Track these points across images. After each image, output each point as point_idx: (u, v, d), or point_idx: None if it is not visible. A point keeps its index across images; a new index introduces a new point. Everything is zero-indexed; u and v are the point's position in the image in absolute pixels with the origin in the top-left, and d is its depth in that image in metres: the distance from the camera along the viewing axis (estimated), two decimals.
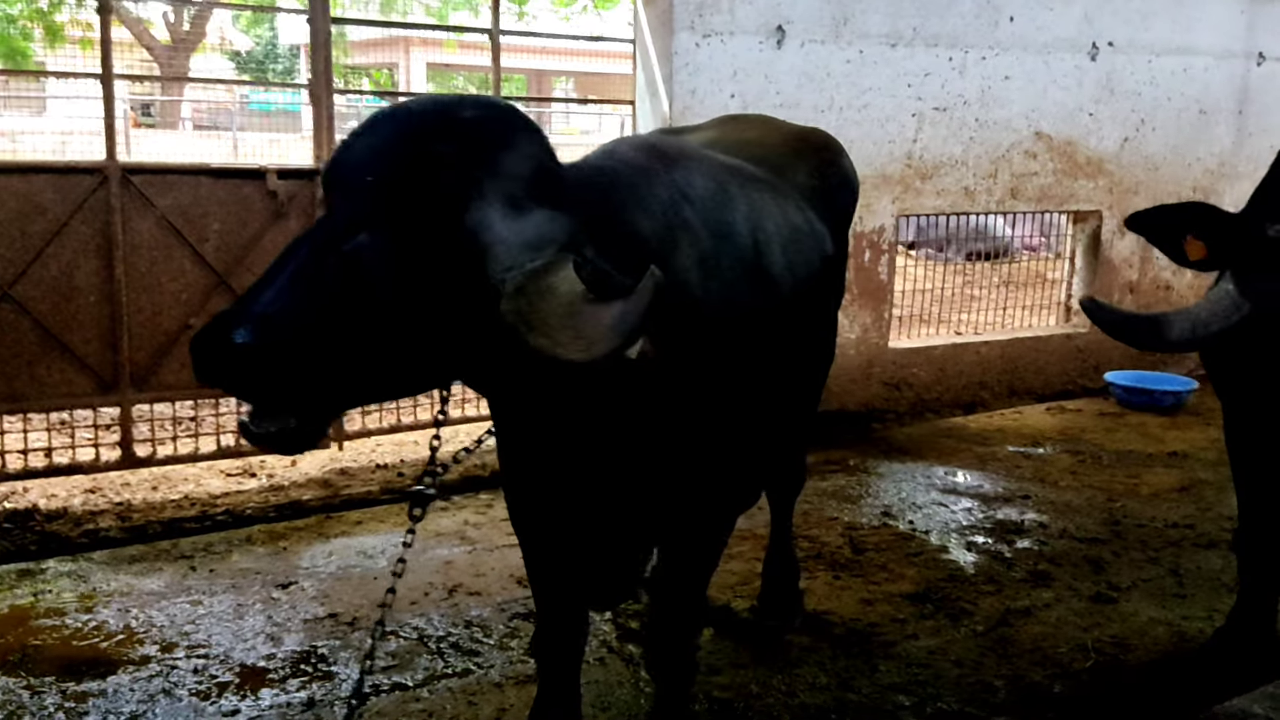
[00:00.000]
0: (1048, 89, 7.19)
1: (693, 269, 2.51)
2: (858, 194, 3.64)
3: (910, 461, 6.06)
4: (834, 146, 3.60)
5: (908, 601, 4.23)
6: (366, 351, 1.93)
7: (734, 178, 2.85)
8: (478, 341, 2.03)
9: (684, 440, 2.57)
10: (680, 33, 5.84)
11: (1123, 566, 4.62)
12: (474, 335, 2.02)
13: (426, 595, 4.22)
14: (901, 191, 6.78)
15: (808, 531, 4.95)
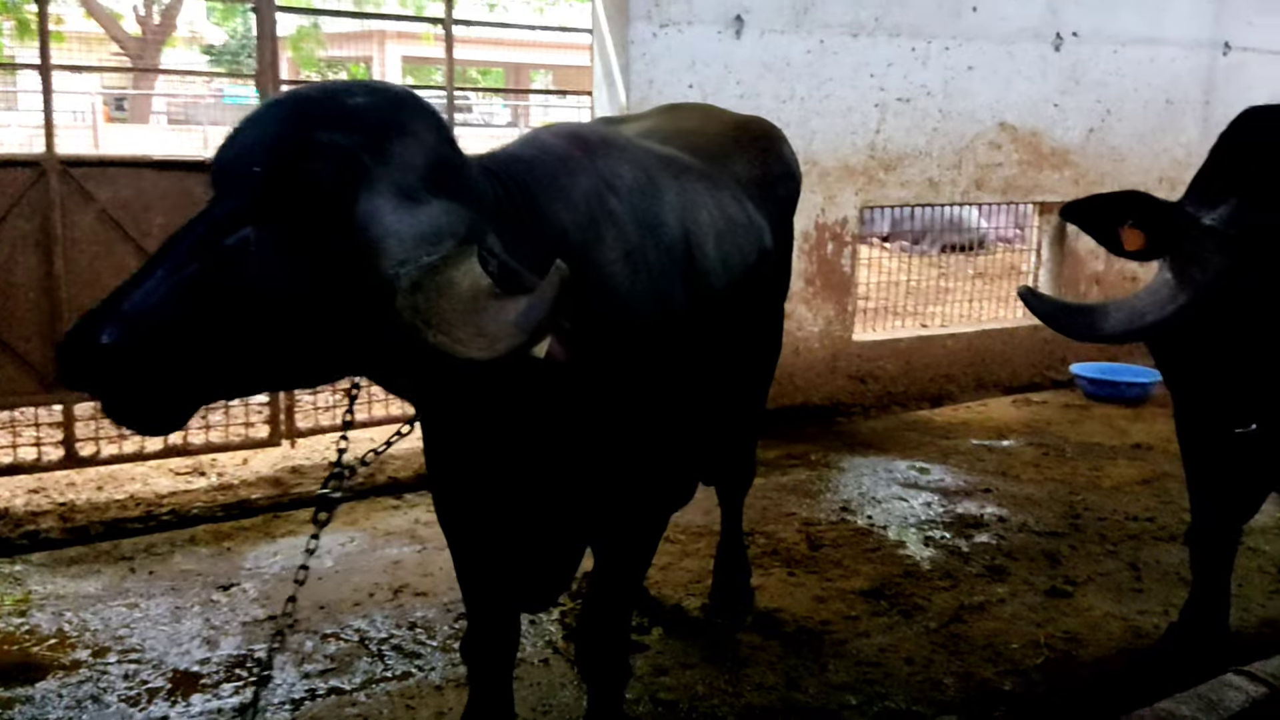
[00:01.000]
0: (1012, 79, 7.14)
1: (618, 262, 2.43)
2: (800, 184, 3.57)
3: (873, 455, 6.00)
4: (775, 135, 3.52)
5: (861, 598, 4.17)
6: (247, 351, 1.83)
7: (666, 168, 2.77)
8: (375, 339, 1.94)
9: (612, 438, 2.50)
10: (637, 22, 5.75)
11: (1080, 560, 4.57)
12: (370, 333, 1.93)
13: (371, 596, 4.13)
14: (865, 183, 6.72)
15: (765, 527, 4.88)
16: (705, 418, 2.97)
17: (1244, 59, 8.27)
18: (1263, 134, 2.70)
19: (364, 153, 1.88)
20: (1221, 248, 2.55)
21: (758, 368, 3.59)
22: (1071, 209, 2.83)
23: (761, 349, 3.53)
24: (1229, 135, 2.81)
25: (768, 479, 5.53)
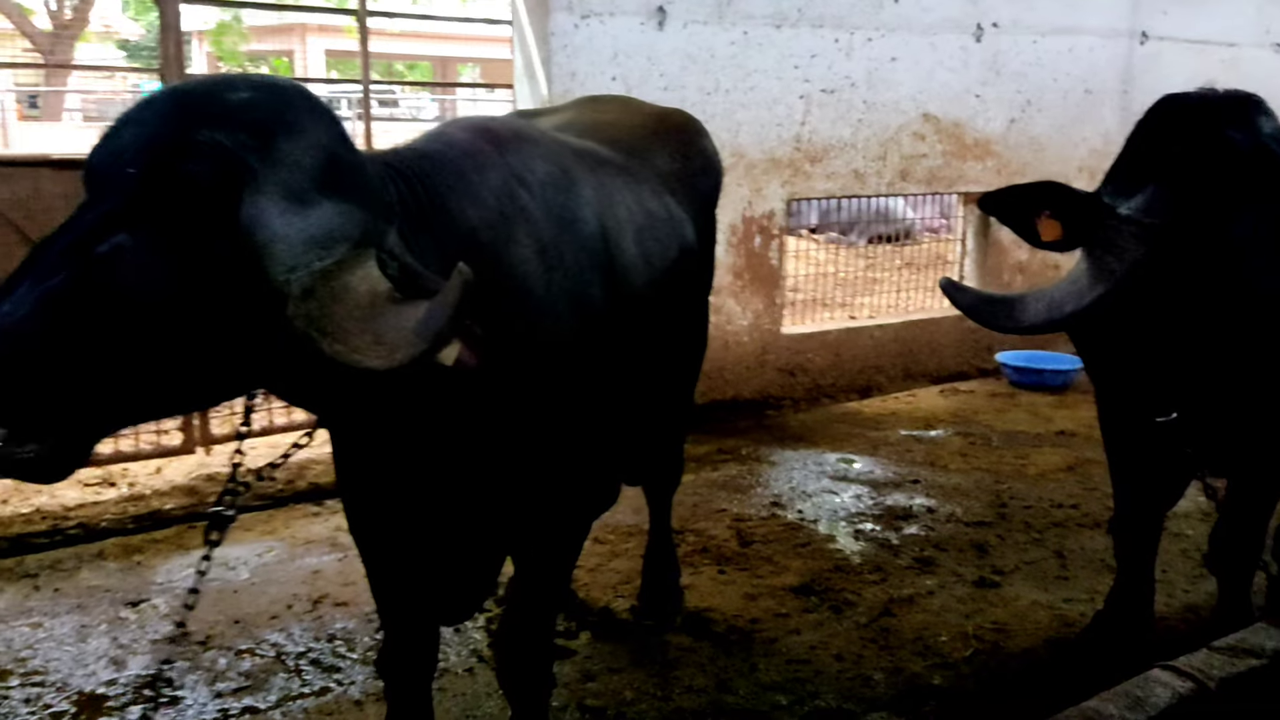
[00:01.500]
0: (934, 70, 7.17)
1: (532, 260, 2.35)
2: (721, 177, 3.51)
3: (803, 449, 5.99)
4: (695, 127, 3.45)
5: (792, 594, 4.14)
6: (129, 366, 1.71)
7: (582, 162, 2.69)
8: (266, 350, 1.83)
9: (530, 443, 2.41)
10: (557, 13, 5.65)
11: (1007, 550, 4.59)
12: (261, 344, 1.82)
13: (289, 608, 3.99)
14: (791, 175, 6.69)
15: (696, 525, 4.83)
16: (629, 419, 2.90)
17: (1160, 48, 8.41)
18: (1178, 122, 2.69)
19: (248, 152, 1.77)
20: (1138, 237, 2.54)
21: (684, 365, 3.53)
22: (988, 200, 2.80)
23: (687, 346, 3.46)
24: (1145, 124, 2.80)
25: (698, 475, 5.49)
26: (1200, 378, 2.84)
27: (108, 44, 31.95)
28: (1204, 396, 2.90)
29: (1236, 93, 2.79)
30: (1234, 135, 2.57)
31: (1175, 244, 2.55)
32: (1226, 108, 2.68)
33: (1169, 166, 2.60)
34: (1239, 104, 2.69)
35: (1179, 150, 2.60)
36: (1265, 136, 2.58)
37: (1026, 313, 2.65)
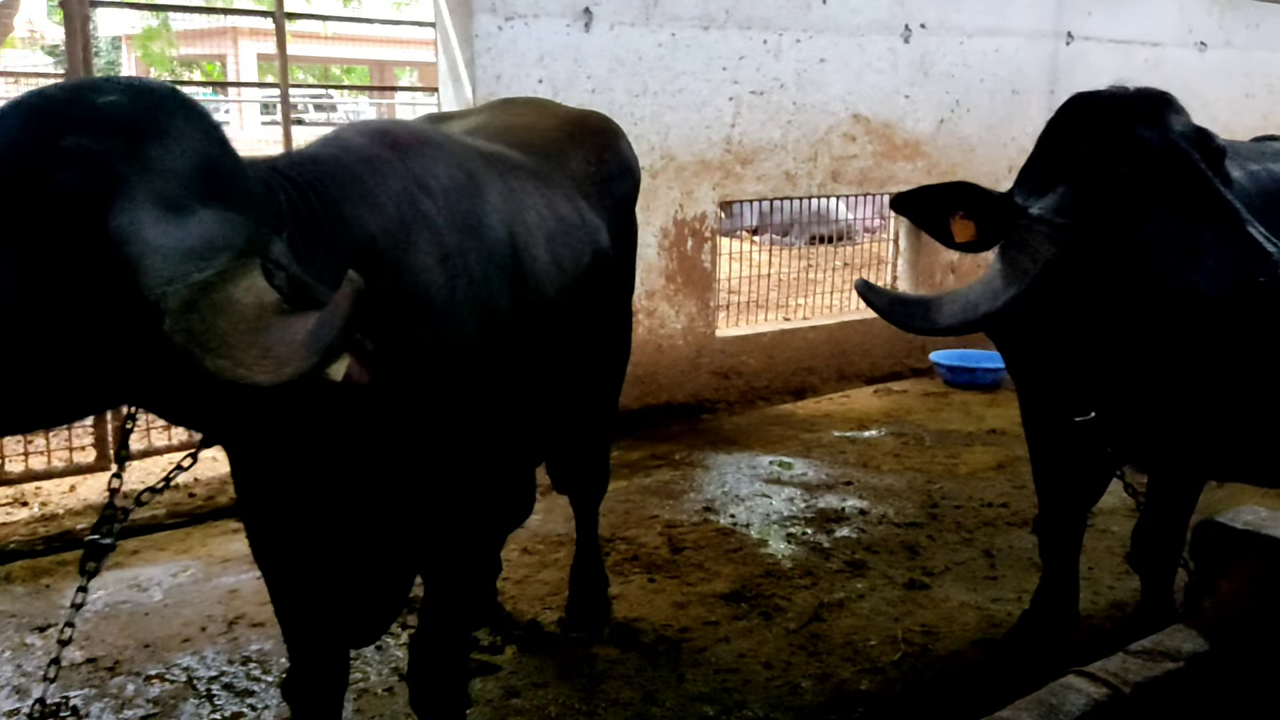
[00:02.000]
0: (863, 72, 7.19)
1: (434, 268, 2.27)
2: (638, 180, 3.45)
3: (737, 452, 5.95)
4: (611, 130, 3.40)
5: (722, 602, 4.09)
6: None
7: (490, 167, 2.62)
8: (143, 365, 1.73)
9: (436, 458, 2.33)
10: (480, 15, 5.56)
11: (937, 550, 4.59)
12: (137, 359, 1.72)
13: (203, 630, 3.86)
14: (722, 177, 6.66)
15: (626, 532, 4.77)
16: (544, 428, 2.83)
17: (1086, 48, 8.52)
18: (1088, 120, 2.68)
19: (118, 159, 1.67)
20: (1049, 237, 2.52)
21: (604, 372, 3.46)
22: (900, 201, 2.77)
23: (607, 352, 3.40)
24: (1056, 122, 2.79)
25: (631, 481, 5.43)
26: (1116, 376, 2.84)
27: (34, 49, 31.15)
28: (1120, 395, 2.90)
29: (1147, 90, 2.79)
30: (1144, 133, 2.56)
31: (1086, 243, 2.53)
32: (1137, 105, 2.68)
33: (1079, 165, 2.59)
34: (1149, 101, 2.69)
35: (1089, 149, 2.59)
36: (1175, 134, 2.58)
37: (941, 314, 2.63)
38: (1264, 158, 3.40)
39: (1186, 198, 2.45)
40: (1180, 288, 2.39)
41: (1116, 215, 2.50)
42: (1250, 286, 2.29)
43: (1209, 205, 2.41)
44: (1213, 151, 2.56)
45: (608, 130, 3.38)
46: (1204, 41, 9.43)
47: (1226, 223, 2.38)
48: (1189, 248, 2.39)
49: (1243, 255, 2.32)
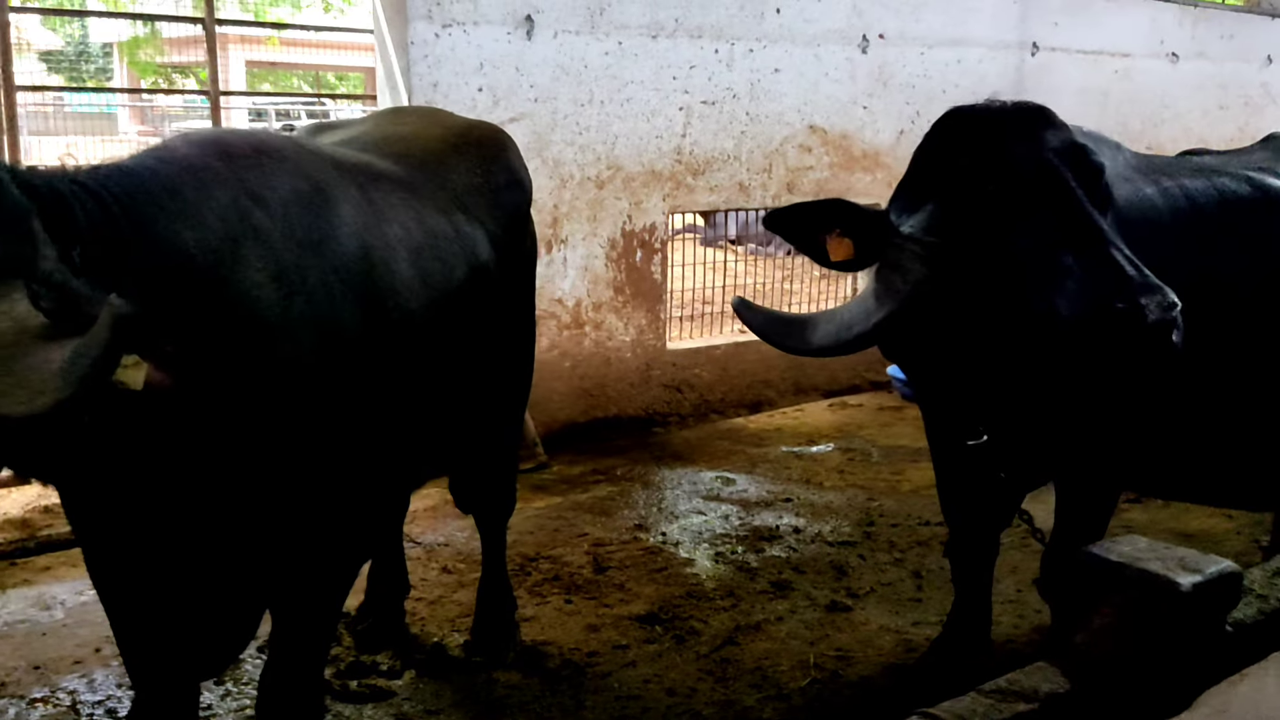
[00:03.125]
0: (819, 82, 7.10)
1: (266, 285, 2.18)
2: (529, 192, 3.35)
3: (681, 467, 5.85)
4: (500, 141, 3.30)
5: (636, 624, 3.98)
6: None
7: (346, 178, 2.52)
8: None
9: (274, 478, 2.23)
10: (416, 22, 5.48)
11: (867, 570, 4.48)
12: None
13: (97, 651, 3.75)
14: (673, 188, 6.57)
15: (552, 551, 4.66)
16: (411, 451, 2.72)
17: (1052, 59, 8.45)
18: (962, 135, 2.59)
19: None
20: (920, 256, 2.43)
21: (500, 389, 3.36)
22: (774, 218, 2.68)
23: (501, 369, 3.29)
24: (931, 137, 2.70)
25: (567, 497, 5.33)
26: (999, 398, 2.74)
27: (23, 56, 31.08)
28: (1007, 417, 2.80)
29: (1024, 104, 2.70)
30: (1015, 149, 2.47)
31: (956, 262, 2.44)
32: (1012, 120, 2.58)
33: (951, 182, 2.49)
34: (1024, 116, 2.60)
35: (961, 165, 2.49)
36: (1049, 150, 2.48)
37: (816, 334, 2.53)
38: (1180, 173, 3.31)
39: (1054, 217, 2.35)
40: (1042, 310, 2.29)
41: (985, 234, 2.40)
42: (1109, 312, 2.19)
43: (1075, 226, 2.32)
44: (1088, 169, 2.47)
45: (495, 141, 3.28)
46: (1175, 53, 9.35)
47: (1091, 245, 2.29)
48: (1053, 269, 2.30)
49: (1104, 279, 2.22)
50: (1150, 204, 3.12)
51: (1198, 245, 3.13)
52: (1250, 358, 3.19)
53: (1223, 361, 3.15)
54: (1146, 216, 3.11)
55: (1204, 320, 3.08)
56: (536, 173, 5.99)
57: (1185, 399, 3.17)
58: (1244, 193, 3.28)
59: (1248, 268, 3.18)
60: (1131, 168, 3.29)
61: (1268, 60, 10.15)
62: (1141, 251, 3.02)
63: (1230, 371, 3.18)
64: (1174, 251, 3.09)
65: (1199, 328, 3.09)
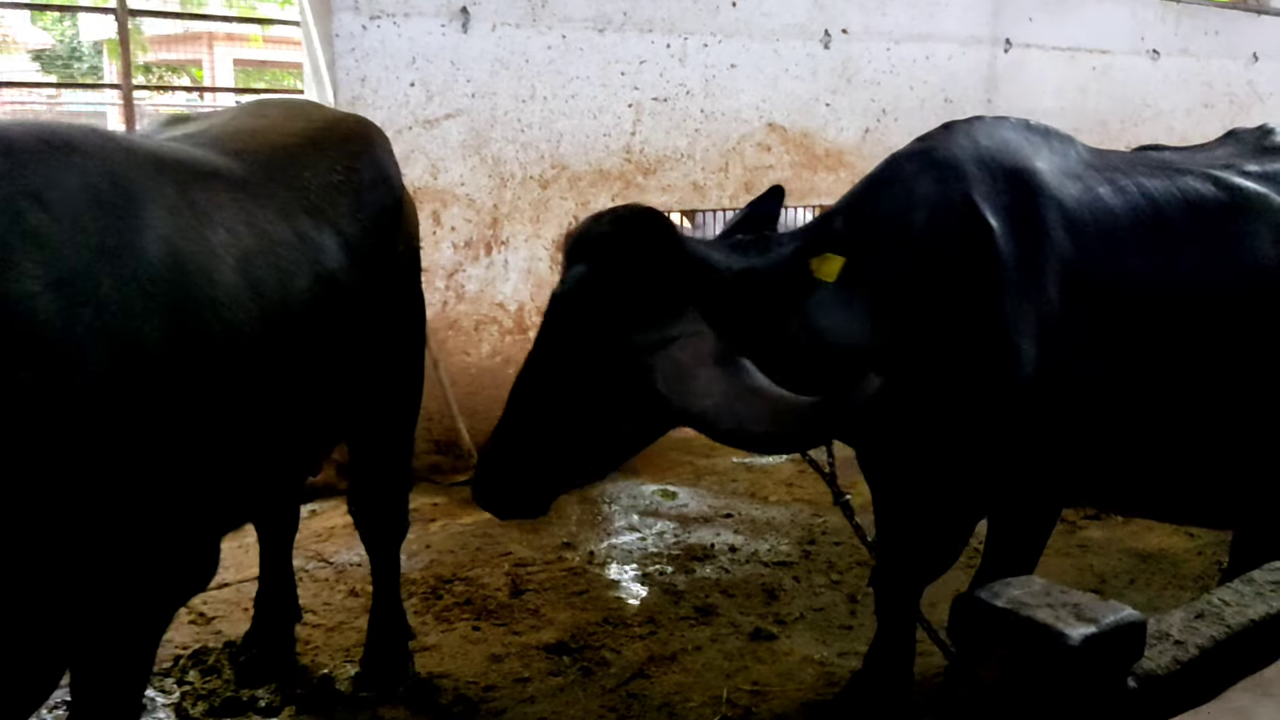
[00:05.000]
0: (779, 78, 6.83)
1: (43, 295, 1.92)
2: (400, 192, 3.08)
3: (624, 479, 5.59)
4: (368, 137, 3.04)
5: (544, 654, 3.73)
6: None
7: (161, 177, 2.26)
8: None
9: (62, 512, 1.98)
10: (341, 13, 5.22)
11: (799, 594, 4.22)
12: None
13: None
14: (622, 188, 6.31)
15: (470, 572, 4.41)
16: (242, 477, 2.46)
17: (1026, 55, 8.19)
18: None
19: None
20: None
21: (373, 405, 3.11)
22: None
23: (375, 383, 3.04)
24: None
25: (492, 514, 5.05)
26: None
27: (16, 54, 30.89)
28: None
29: (635, 209, 2.79)
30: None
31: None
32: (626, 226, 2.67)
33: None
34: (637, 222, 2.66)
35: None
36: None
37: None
38: (1138, 171, 3.05)
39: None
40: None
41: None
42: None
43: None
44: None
45: (361, 136, 3.01)
46: (1157, 49, 9.09)
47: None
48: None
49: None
50: (1103, 205, 2.87)
51: (1158, 250, 2.89)
52: (1212, 370, 2.95)
53: (1183, 374, 2.91)
54: (1098, 218, 2.87)
55: (1165, 330, 2.85)
56: (475, 171, 5.81)
57: (1144, 413, 2.93)
58: (1209, 193, 3.03)
59: (1215, 274, 2.93)
60: (1085, 164, 3.05)
61: (1254, 57, 9.88)
62: (1093, 256, 2.79)
63: (1191, 384, 2.94)
64: (1131, 256, 2.85)
65: (1159, 338, 2.86)
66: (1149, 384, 2.90)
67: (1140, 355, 2.87)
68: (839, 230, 2.78)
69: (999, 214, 2.70)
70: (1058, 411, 2.76)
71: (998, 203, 2.71)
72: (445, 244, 5.71)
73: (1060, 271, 2.72)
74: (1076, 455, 2.86)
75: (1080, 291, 2.75)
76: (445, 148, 5.63)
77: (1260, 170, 3.19)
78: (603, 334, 2.55)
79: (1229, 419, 2.99)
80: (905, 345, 2.74)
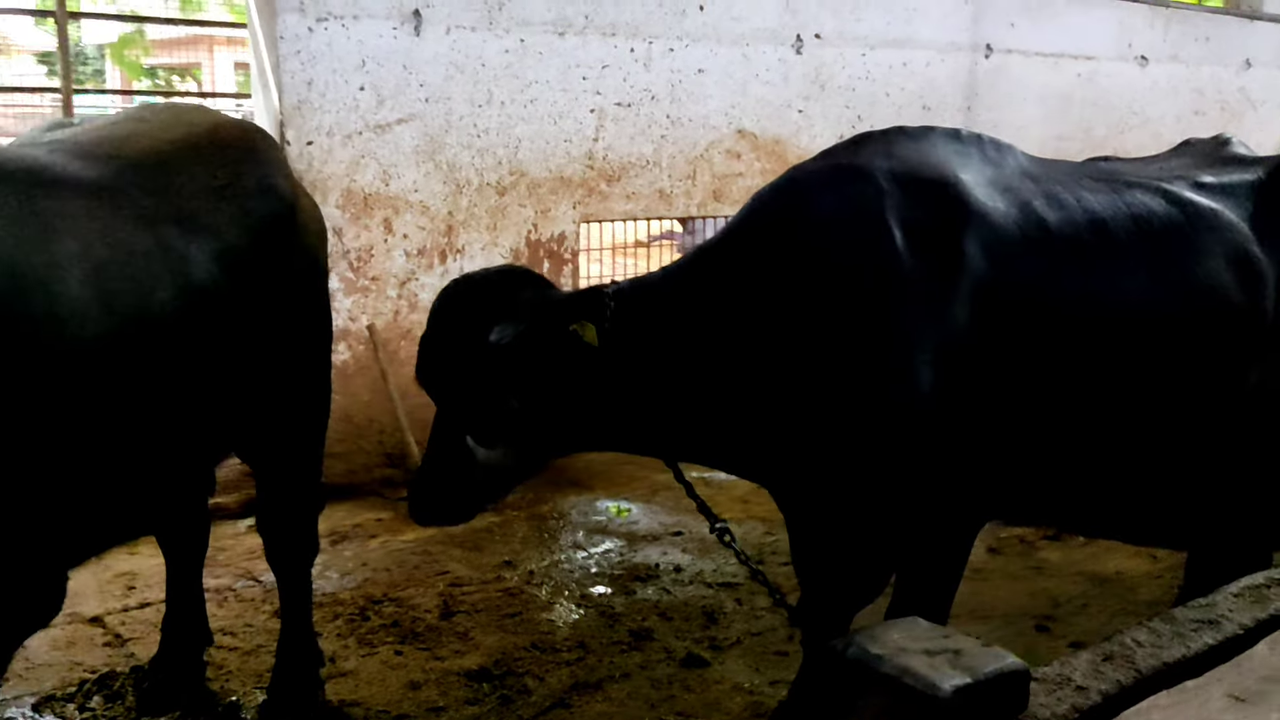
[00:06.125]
0: (749, 84, 6.69)
1: None
2: (290, 200, 2.91)
3: (577, 495, 5.45)
4: (253, 144, 2.89)
5: (464, 681, 3.58)
6: None
7: (4, 187, 2.13)
8: None
9: None
10: (286, 15, 5.09)
11: (739, 618, 4.07)
12: None
13: None
14: (584, 195, 6.18)
15: (403, 592, 4.26)
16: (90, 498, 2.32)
17: (1008, 61, 8.04)
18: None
19: None
20: None
21: (272, 423, 2.97)
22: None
23: (270, 400, 2.90)
24: None
25: (440, 529, 4.92)
26: None
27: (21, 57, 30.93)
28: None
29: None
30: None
31: None
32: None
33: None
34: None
35: None
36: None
37: None
38: (1079, 184, 2.90)
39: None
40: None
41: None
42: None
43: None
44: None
45: (245, 141, 2.87)
46: (1145, 55, 8.93)
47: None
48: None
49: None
50: (1036, 219, 2.72)
51: (1097, 268, 2.75)
52: (1159, 392, 2.81)
53: (1124, 396, 2.77)
54: (1028, 234, 2.72)
55: (1104, 352, 2.71)
56: (429, 177, 5.67)
57: (1077, 434, 2.80)
58: (1157, 208, 2.88)
59: (1160, 295, 2.79)
60: (1022, 175, 2.90)
61: (1246, 64, 9.71)
62: (1019, 273, 2.65)
63: (1132, 406, 2.80)
64: (1066, 274, 2.70)
65: (1096, 360, 2.72)
66: (1082, 405, 2.75)
67: (1075, 377, 2.73)
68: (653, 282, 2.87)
69: (906, 230, 2.56)
70: (964, 434, 2.61)
71: (908, 218, 2.57)
72: (398, 252, 5.58)
73: (975, 290, 2.58)
74: (993, 479, 2.72)
75: (1001, 311, 2.61)
76: (398, 153, 5.50)
77: (1215, 182, 3.04)
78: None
79: (1172, 440, 2.85)
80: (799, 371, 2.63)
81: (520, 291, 2.82)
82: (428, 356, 2.79)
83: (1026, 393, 2.63)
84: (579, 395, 2.72)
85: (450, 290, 2.84)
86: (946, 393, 2.55)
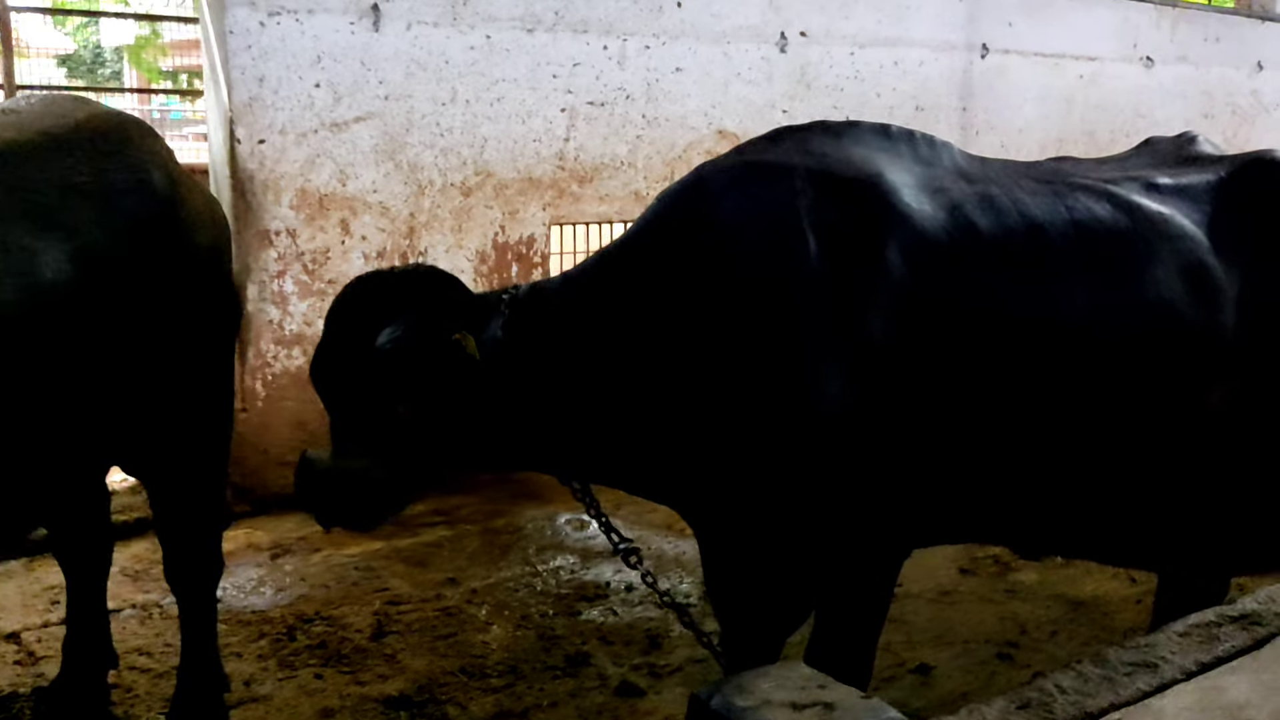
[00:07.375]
0: (730, 83, 6.48)
1: None
2: (166, 198, 2.71)
3: (536, 508, 5.24)
4: (123, 135, 2.68)
5: (381, 708, 3.39)
6: None
7: None
8: None
9: None
10: (236, 9, 4.92)
11: (684, 642, 3.83)
12: None
13: None
14: (555, 197, 5.98)
15: (335, 610, 4.07)
16: None
17: (1005, 61, 7.78)
18: None
19: None
20: None
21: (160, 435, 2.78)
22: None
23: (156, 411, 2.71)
24: None
25: (388, 542, 4.73)
26: None
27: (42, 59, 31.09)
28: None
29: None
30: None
31: None
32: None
33: None
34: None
35: None
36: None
37: None
38: (1018, 186, 2.67)
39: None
40: None
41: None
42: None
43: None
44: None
45: (116, 134, 2.66)
46: (1150, 56, 8.64)
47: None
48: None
49: None
50: (965, 223, 2.50)
51: (1031, 277, 2.52)
52: (1099, 411, 2.58)
53: (1065, 415, 2.55)
54: (955, 239, 2.50)
55: (1035, 365, 2.50)
56: (389, 177, 5.48)
57: (1029, 454, 2.58)
58: (1102, 214, 2.65)
59: (1100, 306, 2.56)
60: (956, 175, 2.68)
61: (1258, 66, 9.41)
62: (943, 281, 2.43)
63: (1076, 426, 2.57)
64: (997, 282, 2.48)
65: (1034, 374, 2.51)
66: (1013, 424, 2.53)
67: (1004, 394, 2.51)
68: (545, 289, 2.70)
69: (820, 234, 2.34)
70: (881, 453, 2.39)
71: (822, 221, 2.35)
72: (355, 254, 5.40)
73: (895, 301, 2.36)
74: (920, 501, 2.49)
75: (924, 323, 2.38)
76: (355, 152, 5.32)
77: (1172, 184, 2.80)
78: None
79: (1114, 463, 2.62)
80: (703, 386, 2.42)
81: (420, 294, 2.62)
82: (317, 356, 2.61)
83: (951, 410, 2.40)
84: (467, 407, 2.52)
85: (348, 289, 2.66)
86: (860, 410, 2.33)
